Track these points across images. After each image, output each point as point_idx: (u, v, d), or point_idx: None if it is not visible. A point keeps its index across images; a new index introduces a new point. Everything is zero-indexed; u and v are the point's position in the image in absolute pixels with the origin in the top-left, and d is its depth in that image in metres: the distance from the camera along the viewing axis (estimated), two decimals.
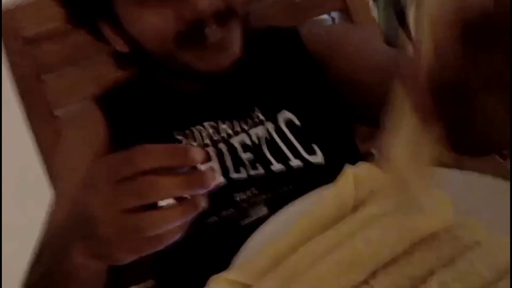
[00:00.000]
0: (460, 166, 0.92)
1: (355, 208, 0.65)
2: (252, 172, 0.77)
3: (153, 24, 0.74)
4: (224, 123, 0.81)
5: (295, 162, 0.78)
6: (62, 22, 1.03)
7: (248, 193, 0.76)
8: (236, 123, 0.81)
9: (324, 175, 0.75)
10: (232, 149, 0.79)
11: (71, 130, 0.88)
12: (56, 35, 1.06)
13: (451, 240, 0.58)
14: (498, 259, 0.55)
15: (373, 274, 0.55)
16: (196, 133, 0.81)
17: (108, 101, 0.88)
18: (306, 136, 0.79)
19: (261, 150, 0.78)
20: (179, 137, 0.80)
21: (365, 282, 0.55)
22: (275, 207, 0.73)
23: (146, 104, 0.85)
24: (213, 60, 0.75)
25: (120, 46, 0.82)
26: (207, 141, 0.80)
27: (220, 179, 0.76)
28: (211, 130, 0.81)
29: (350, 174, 0.67)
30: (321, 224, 0.63)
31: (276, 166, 0.78)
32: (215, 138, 0.80)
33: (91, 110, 0.87)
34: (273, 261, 0.60)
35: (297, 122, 0.80)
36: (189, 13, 0.72)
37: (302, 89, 0.82)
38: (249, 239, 0.65)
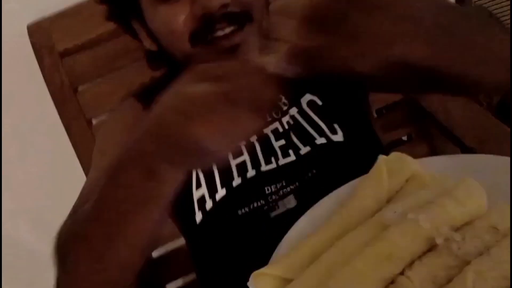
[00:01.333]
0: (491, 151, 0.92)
1: (389, 199, 0.64)
2: (282, 161, 0.77)
3: (168, 20, 0.75)
4: None
5: (320, 140, 0.78)
6: (95, 32, 1.07)
7: (278, 184, 0.76)
8: (268, 114, 0.81)
9: (344, 154, 0.77)
10: (264, 139, 0.79)
11: (110, 122, 0.91)
12: (89, 47, 1.08)
13: (486, 228, 0.56)
14: None
15: (410, 265, 0.54)
16: None
17: (146, 95, 0.89)
18: (328, 115, 0.79)
19: (290, 136, 0.79)
20: None
21: (402, 273, 0.54)
22: (303, 197, 0.75)
23: None
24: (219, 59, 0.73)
25: (149, 44, 0.83)
26: None
27: (250, 172, 0.77)
28: None
29: (384, 164, 0.66)
30: (357, 217, 0.62)
31: (304, 150, 0.78)
32: None
33: (130, 103, 0.89)
34: (311, 255, 0.59)
35: (319, 102, 0.81)
36: (200, 10, 0.73)
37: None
38: (287, 233, 0.65)
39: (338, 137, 0.78)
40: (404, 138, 1.17)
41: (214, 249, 0.79)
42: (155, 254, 1.03)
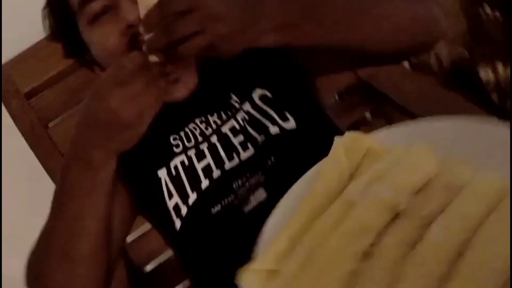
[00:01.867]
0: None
1: (351, 176, 0.67)
2: (244, 155, 0.81)
3: (101, 41, 0.78)
4: (212, 115, 0.85)
5: (273, 129, 0.81)
6: (55, 69, 1.10)
7: (243, 178, 0.80)
8: (222, 113, 0.85)
9: (298, 140, 0.81)
10: (224, 138, 0.83)
11: None
12: (52, 83, 1.12)
13: (442, 186, 0.60)
14: (487, 195, 0.57)
15: (380, 234, 0.58)
16: (189, 134, 0.85)
17: None
18: (279, 105, 0.83)
19: (247, 130, 0.82)
20: (176, 141, 0.85)
21: (373, 244, 0.57)
22: (271, 188, 0.79)
23: None
24: (168, 91, 0.78)
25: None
26: (200, 138, 0.84)
27: (216, 173, 0.81)
28: (202, 126, 0.85)
29: (340, 145, 0.69)
30: (325, 199, 0.65)
31: (260, 139, 0.81)
32: (207, 133, 0.84)
33: None
34: (290, 243, 0.62)
35: (269, 95, 0.84)
36: (123, 23, 0.76)
37: (269, 66, 0.85)
38: (264, 227, 0.67)
39: (290, 124, 0.82)
40: (368, 116, 1.22)
41: (198, 252, 0.82)
42: (148, 268, 1.07)
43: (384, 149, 0.68)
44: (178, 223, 0.81)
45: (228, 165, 0.82)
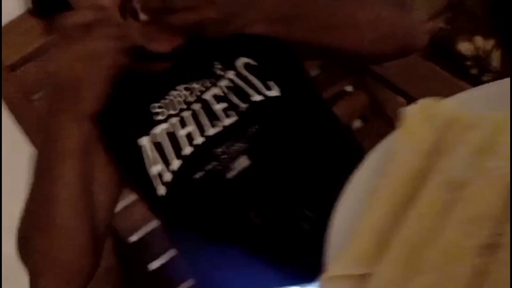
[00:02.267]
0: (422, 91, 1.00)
1: (435, 152, 0.55)
2: (226, 122, 0.82)
3: (98, 3, 0.77)
4: (195, 82, 0.86)
5: (256, 97, 0.82)
6: (37, 43, 1.10)
7: (226, 144, 0.81)
8: (205, 80, 0.86)
9: (282, 107, 0.82)
10: (206, 105, 0.84)
11: None
12: (35, 57, 1.11)
13: None
14: None
15: (501, 222, 0.47)
16: (172, 101, 0.86)
17: None
18: (263, 74, 0.84)
19: (229, 97, 0.83)
20: (157, 110, 0.85)
21: (499, 234, 0.46)
22: (255, 156, 0.80)
23: (122, 88, 0.86)
24: (161, 38, 0.80)
25: None
26: (183, 105, 0.85)
27: (198, 139, 0.82)
28: (185, 92, 0.86)
29: (415, 115, 0.57)
30: (407, 181, 0.54)
31: (242, 107, 0.82)
32: (190, 99, 0.85)
33: None
34: (377, 239, 0.51)
35: (254, 63, 0.85)
36: None
37: (254, 37, 0.85)
38: (332, 224, 0.56)
39: (274, 92, 0.83)
40: (349, 89, 1.24)
41: (182, 218, 0.84)
42: (133, 238, 1.08)
43: (472, 116, 0.56)
44: (162, 190, 0.82)
45: (211, 131, 0.82)
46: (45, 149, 0.79)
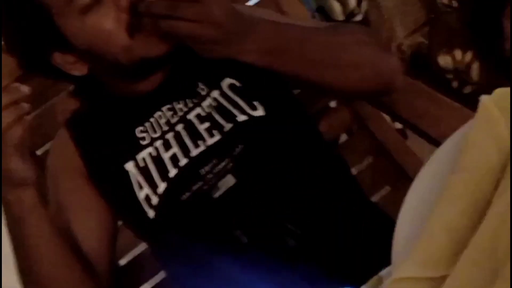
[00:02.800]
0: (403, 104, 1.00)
1: None
2: (210, 141, 0.83)
3: (100, 25, 0.78)
4: (178, 103, 0.86)
5: (241, 118, 0.83)
6: (17, 75, 1.09)
7: (210, 164, 0.81)
8: (188, 101, 0.86)
9: (267, 126, 0.84)
10: (190, 125, 0.84)
11: (48, 158, 0.96)
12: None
13: None
14: None
15: None
16: (155, 124, 0.86)
17: (74, 121, 0.93)
18: (248, 95, 0.85)
19: (213, 116, 0.84)
20: (141, 134, 0.86)
21: None
22: (240, 174, 0.81)
23: (107, 114, 0.90)
24: (158, 42, 0.80)
25: (78, 70, 0.85)
26: (166, 127, 0.85)
27: (183, 161, 0.82)
28: (169, 113, 0.86)
29: (493, 106, 0.53)
30: (486, 175, 0.50)
31: (227, 127, 0.83)
32: (172, 121, 0.85)
33: (60, 134, 0.94)
34: (451, 240, 0.48)
35: (239, 84, 0.86)
36: (125, 1, 0.77)
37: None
38: (398, 221, 0.53)
39: (259, 112, 0.84)
40: (333, 105, 1.25)
41: (172, 239, 0.84)
42: (122, 262, 1.07)
43: None
44: (151, 213, 0.82)
45: (194, 152, 0.83)
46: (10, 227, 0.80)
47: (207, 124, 0.84)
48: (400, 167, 1.14)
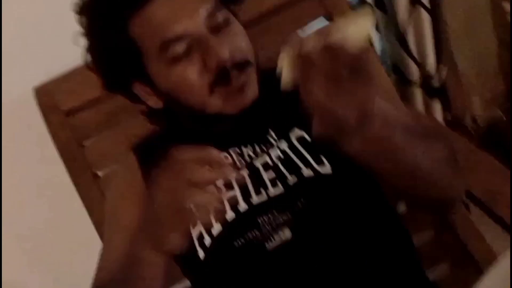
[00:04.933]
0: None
1: None
2: (272, 192, 0.81)
3: (186, 77, 0.81)
4: (246, 147, 0.87)
5: (306, 172, 0.81)
6: (96, 93, 1.12)
7: (269, 214, 0.80)
8: (256, 146, 0.87)
9: (332, 186, 0.81)
10: (254, 171, 0.84)
11: (114, 180, 0.97)
12: (91, 105, 1.13)
13: None
14: None
15: None
16: None
17: (142, 147, 0.95)
18: (316, 149, 0.83)
19: (279, 167, 0.83)
20: None
21: None
22: (297, 230, 0.78)
23: (175, 144, 0.90)
24: (238, 101, 0.82)
25: (154, 102, 0.89)
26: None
27: (242, 206, 0.81)
28: (236, 157, 0.86)
29: None
30: None
31: (291, 180, 0.82)
32: (239, 164, 0.86)
33: (127, 158, 0.95)
34: None
35: (307, 137, 0.85)
36: (213, 62, 0.79)
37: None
38: None
39: (326, 169, 0.82)
40: None
41: (217, 285, 0.82)
42: None
43: None
44: (201, 253, 0.81)
45: (255, 199, 0.82)
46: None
47: (271, 174, 0.83)
48: (462, 244, 1.09)
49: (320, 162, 0.82)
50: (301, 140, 0.85)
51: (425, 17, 1.45)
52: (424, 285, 0.86)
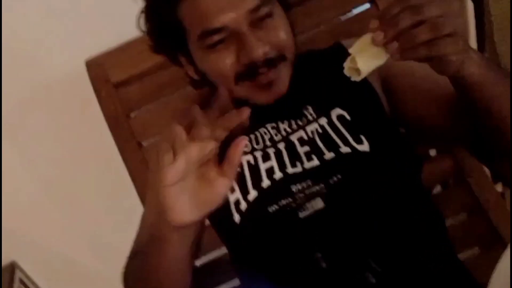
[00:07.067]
0: None
1: None
2: (307, 165, 0.83)
3: (217, 65, 0.84)
4: (283, 122, 0.89)
5: (344, 149, 0.83)
6: (143, 67, 1.16)
7: (304, 184, 0.82)
8: (293, 122, 0.89)
9: (369, 163, 0.82)
10: (290, 145, 0.86)
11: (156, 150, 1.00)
12: (138, 79, 1.17)
13: None
14: None
15: None
16: (259, 137, 0.89)
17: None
18: (355, 128, 0.85)
19: (315, 142, 0.85)
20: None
21: None
22: (330, 200, 0.80)
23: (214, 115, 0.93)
24: (263, 95, 0.85)
25: (192, 73, 0.93)
26: (268, 143, 0.88)
27: (277, 174, 0.84)
28: (272, 131, 0.89)
29: None
30: None
31: (328, 155, 0.83)
32: (275, 138, 0.88)
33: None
34: None
35: (348, 117, 0.86)
36: (246, 58, 0.82)
37: (353, 91, 0.85)
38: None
39: (364, 147, 0.83)
40: (432, 153, 1.21)
41: (252, 248, 0.84)
42: (198, 263, 1.09)
43: None
44: (237, 217, 0.84)
45: (290, 170, 0.84)
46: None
47: (307, 148, 0.85)
48: (494, 228, 1.08)
49: (359, 141, 0.84)
50: (341, 118, 0.87)
51: (469, 6, 1.43)
52: (454, 266, 0.86)
